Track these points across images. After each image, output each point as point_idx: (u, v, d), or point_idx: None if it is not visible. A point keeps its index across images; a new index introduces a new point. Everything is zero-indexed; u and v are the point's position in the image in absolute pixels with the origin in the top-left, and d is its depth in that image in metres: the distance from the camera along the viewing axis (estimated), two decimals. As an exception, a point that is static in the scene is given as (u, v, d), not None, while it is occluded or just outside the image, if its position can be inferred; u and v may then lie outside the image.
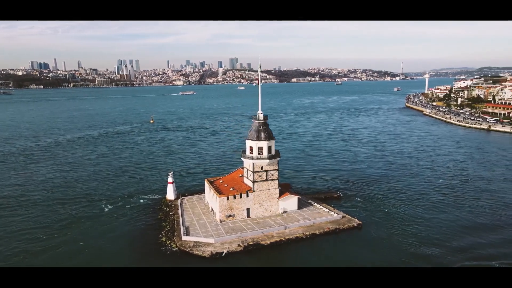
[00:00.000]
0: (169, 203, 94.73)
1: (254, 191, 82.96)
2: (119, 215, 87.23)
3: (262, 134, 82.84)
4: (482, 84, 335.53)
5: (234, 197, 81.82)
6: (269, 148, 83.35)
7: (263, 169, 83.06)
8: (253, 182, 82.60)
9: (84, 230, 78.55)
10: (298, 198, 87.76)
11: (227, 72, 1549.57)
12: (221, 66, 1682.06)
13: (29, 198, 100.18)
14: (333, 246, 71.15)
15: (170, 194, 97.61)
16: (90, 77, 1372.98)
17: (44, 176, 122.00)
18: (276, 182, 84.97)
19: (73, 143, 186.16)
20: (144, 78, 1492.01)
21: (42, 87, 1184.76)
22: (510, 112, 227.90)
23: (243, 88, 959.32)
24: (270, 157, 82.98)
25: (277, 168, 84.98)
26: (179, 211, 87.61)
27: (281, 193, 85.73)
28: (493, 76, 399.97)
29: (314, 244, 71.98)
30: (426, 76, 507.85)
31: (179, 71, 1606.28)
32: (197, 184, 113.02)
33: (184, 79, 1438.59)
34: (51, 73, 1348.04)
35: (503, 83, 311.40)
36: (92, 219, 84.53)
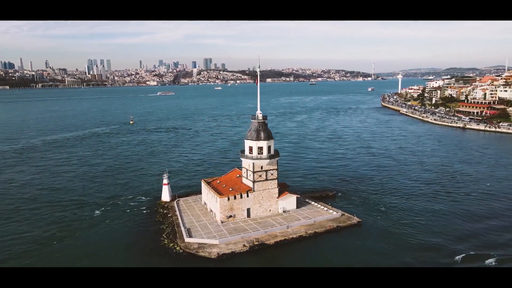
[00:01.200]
0: (165, 205, 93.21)
1: (254, 191, 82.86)
2: (114, 219, 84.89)
3: (262, 134, 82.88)
4: (454, 84, 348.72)
5: (235, 198, 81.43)
6: (269, 148, 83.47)
7: (262, 169, 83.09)
8: (253, 182, 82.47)
9: (79, 236, 75.80)
10: (296, 197, 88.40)
11: (202, 73, 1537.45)
12: (195, 67, 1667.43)
13: (10, 204, 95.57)
14: (337, 244, 71.94)
15: (166, 196, 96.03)
16: (59, 77, 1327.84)
17: (24, 181, 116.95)
18: (276, 181, 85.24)
19: (50, 145, 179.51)
20: (116, 78, 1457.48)
21: (8, 87, 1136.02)
22: (482, 111, 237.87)
23: (219, 88, 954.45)
24: (270, 157, 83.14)
25: (276, 167, 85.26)
26: (177, 213, 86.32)
27: (280, 193, 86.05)
28: (463, 77, 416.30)
29: (318, 242, 72.59)
30: (399, 77, 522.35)
31: (153, 71, 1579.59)
32: (189, 185, 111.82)
33: (158, 80, 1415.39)
34: (17, 73, 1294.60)
35: (473, 83, 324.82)
36: (85, 224, 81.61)
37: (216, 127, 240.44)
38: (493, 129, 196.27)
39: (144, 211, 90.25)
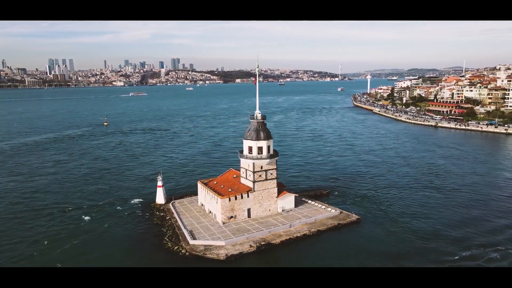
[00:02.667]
0: (161, 207, 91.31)
1: (254, 191, 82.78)
2: (110, 224, 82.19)
3: (262, 134, 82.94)
4: (422, 84, 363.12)
5: (235, 198, 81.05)
6: (268, 148, 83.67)
7: (262, 169, 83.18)
8: (254, 182, 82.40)
9: (76, 244, 72.30)
10: (295, 196, 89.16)
11: (170, 73, 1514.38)
12: (162, 67, 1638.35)
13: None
14: (341, 241, 73.07)
15: (160, 198, 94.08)
16: (18, 78, 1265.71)
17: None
18: (275, 181, 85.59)
19: (20, 149, 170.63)
20: (80, 78, 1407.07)
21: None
22: (451, 110, 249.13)
23: (191, 89, 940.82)
24: (270, 157, 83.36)
25: (275, 167, 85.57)
26: (176, 215, 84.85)
27: (279, 192, 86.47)
28: (430, 77, 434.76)
29: (322, 240, 73.57)
30: (368, 77, 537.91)
31: (118, 71, 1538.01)
32: (178, 186, 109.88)
33: (125, 80, 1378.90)
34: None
35: (439, 83, 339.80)
36: (79, 231, 77.94)
37: (194, 128, 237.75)
38: (463, 127, 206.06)
39: (140, 215, 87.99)
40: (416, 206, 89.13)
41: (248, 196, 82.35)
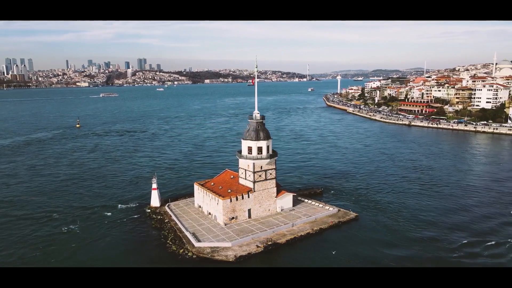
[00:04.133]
0: (157, 210, 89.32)
1: (254, 191, 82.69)
2: (107, 229, 79.52)
3: (261, 134, 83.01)
4: (391, 84, 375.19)
5: (237, 199, 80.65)
6: (267, 148, 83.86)
7: (262, 169, 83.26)
8: (254, 182, 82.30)
9: (74, 253, 69.06)
10: (293, 195, 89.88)
11: (137, 73, 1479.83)
12: (128, 67, 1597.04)
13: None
14: (344, 238, 74.22)
15: (155, 201, 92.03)
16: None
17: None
18: (274, 181, 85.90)
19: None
20: (40, 79, 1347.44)
21: None
22: (422, 109, 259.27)
23: (161, 89, 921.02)
24: (270, 157, 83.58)
25: (274, 167, 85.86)
26: (174, 218, 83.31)
27: (277, 192, 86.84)
28: (399, 78, 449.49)
29: (326, 238, 74.54)
30: (338, 78, 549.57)
31: (82, 71, 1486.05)
32: (169, 189, 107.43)
33: (89, 81, 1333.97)
34: None
35: (408, 84, 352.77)
36: (72, 240, 74.12)
37: (171, 130, 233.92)
38: (435, 125, 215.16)
39: (136, 218, 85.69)
40: (410, 201, 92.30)
41: (248, 197, 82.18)
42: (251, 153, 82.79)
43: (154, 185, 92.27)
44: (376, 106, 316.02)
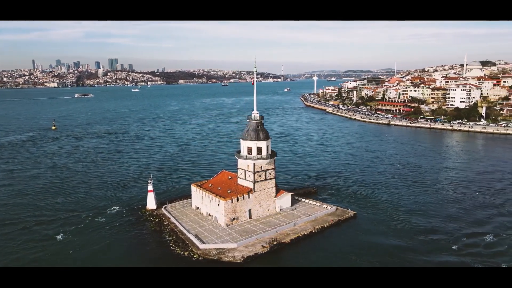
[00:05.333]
0: (154, 213, 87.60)
1: (255, 191, 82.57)
2: (106, 234, 77.26)
3: (261, 134, 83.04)
4: (367, 85, 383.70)
5: (238, 200, 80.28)
6: (267, 148, 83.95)
7: (262, 169, 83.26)
8: (254, 182, 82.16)
9: (75, 259, 66.54)
10: (291, 195, 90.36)
11: (108, 73, 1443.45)
12: (99, 67, 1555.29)
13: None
14: (346, 236, 75.37)
15: (152, 203, 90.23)
16: None
17: None
18: (273, 181, 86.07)
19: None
20: (5, 79, 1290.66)
21: None
22: (399, 109, 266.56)
23: (137, 90, 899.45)
24: (269, 156, 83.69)
25: (274, 167, 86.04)
26: (174, 220, 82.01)
27: (276, 192, 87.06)
28: (374, 78, 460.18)
29: (328, 236, 75.40)
30: (315, 78, 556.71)
31: (50, 71, 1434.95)
32: (160, 191, 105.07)
33: (58, 81, 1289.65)
34: None
35: (383, 84, 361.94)
36: (67, 245, 71.47)
37: (152, 131, 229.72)
38: (413, 124, 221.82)
39: (133, 221, 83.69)
40: (405, 198, 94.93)
41: (249, 197, 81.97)
42: (251, 153, 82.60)
43: (150, 187, 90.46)
44: (354, 106, 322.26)
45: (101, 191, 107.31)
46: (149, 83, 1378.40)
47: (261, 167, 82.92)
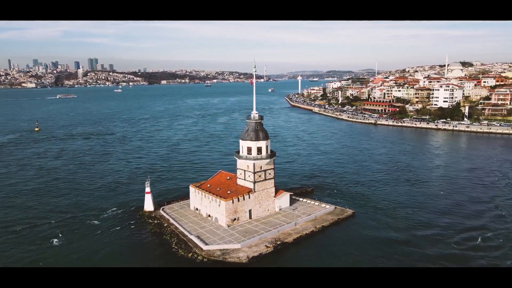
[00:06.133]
0: (152, 215, 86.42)
1: (255, 191, 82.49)
2: (106, 237, 75.75)
3: (261, 134, 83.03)
4: (352, 85, 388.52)
5: (238, 200, 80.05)
6: (266, 148, 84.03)
7: (262, 169, 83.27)
8: (254, 182, 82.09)
9: (76, 265, 65.35)
10: (290, 194, 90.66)
11: (89, 74, 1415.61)
12: (78, 67, 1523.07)
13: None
14: (348, 234, 75.93)
15: (149, 205, 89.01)
16: None
17: None
18: (273, 181, 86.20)
19: None
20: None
21: None
22: (385, 109, 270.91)
23: (119, 90, 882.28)
24: (269, 156, 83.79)
25: (273, 167, 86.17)
26: (173, 222, 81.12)
27: (275, 192, 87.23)
28: (359, 78, 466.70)
29: (330, 235, 75.90)
30: (299, 78, 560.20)
31: (27, 71, 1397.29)
32: (154, 193, 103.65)
33: (36, 81, 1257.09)
34: None
35: (368, 84, 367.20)
36: (65, 251, 69.46)
37: (139, 132, 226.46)
38: (399, 124, 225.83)
39: (131, 224, 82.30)
40: (399, 196, 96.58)
41: (249, 197, 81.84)
42: (251, 154, 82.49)
43: (148, 189, 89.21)
44: (340, 106, 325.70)
45: (93, 194, 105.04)
46: (130, 83, 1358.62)
47: (261, 167, 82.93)
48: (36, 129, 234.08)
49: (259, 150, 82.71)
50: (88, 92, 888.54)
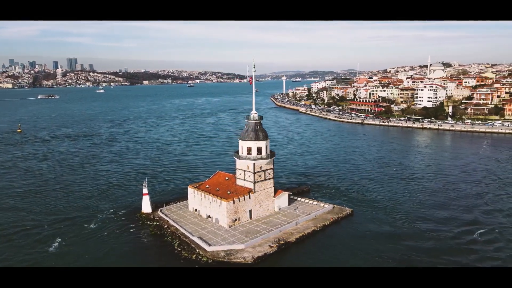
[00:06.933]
0: (150, 217, 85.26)
1: (255, 191, 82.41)
2: (107, 240, 74.30)
3: (260, 134, 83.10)
4: (337, 85, 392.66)
5: (239, 200, 79.82)
6: (266, 148, 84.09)
7: (262, 169, 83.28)
8: (254, 182, 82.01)
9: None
10: (288, 194, 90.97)
11: (68, 74, 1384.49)
12: (57, 67, 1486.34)
13: None
14: (347, 233, 76.72)
15: (147, 207, 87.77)
16: None
17: None
18: (272, 181, 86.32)
19: None
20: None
21: None
22: (371, 108, 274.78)
23: (102, 91, 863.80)
24: (269, 156, 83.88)
25: (272, 167, 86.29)
26: (173, 223, 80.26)
27: (274, 191, 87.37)
28: (344, 79, 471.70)
29: (331, 234, 76.44)
30: (284, 79, 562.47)
31: (3, 71, 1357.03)
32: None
33: (13, 82, 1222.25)
34: None
35: (352, 84, 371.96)
36: (64, 257, 67.25)
37: (126, 133, 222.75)
38: (386, 123, 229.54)
39: (129, 227, 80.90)
40: (395, 194, 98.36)
41: (250, 198, 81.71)
42: (251, 154, 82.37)
43: (145, 190, 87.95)
44: (326, 106, 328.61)
45: (86, 197, 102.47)
46: (112, 83, 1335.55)
47: (260, 167, 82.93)
48: (19, 130, 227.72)
49: (259, 150, 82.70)
50: (69, 92, 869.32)
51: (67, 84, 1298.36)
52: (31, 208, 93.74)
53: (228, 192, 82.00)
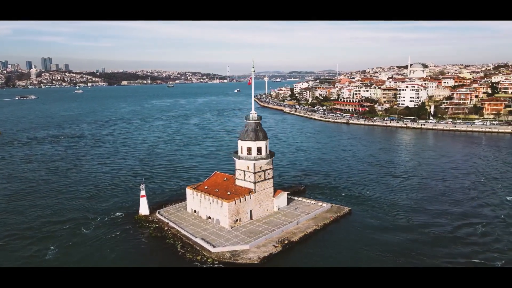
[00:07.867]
0: (149, 219, 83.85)
1: (255, 192, 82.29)
2: (107, 244, 72.61)
3: (260, 134, 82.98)
4: (319, 85, 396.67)
5: (240, 201, 79.53)
6: (266, 148, 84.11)
7: (262, 169, 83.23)
8: (255, 183, 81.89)
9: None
10: (287, 194, 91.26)
11: (43, 74, 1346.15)
12: (31, 67, 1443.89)
13: None
14: (348, 232, 77.51)
15: (145, 209, 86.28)
16: None
17: None
18: (272, 181, 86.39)
19: None
20: None
21: None
22: (355, 108, 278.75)
23: (81, 91, 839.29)
24: (269, 156, 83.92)
25: (272, 167, 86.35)
26: (173, 225, 79.20)
27: (274, 191, 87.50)
28: (326, 79, 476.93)
29: (332, 232, 77.08)
30: (266, 79, 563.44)
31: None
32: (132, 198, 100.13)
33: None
34: None
35: (335, 85, 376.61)
36: (64, 264, 64.86)
37: (111, 135, 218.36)
38: (371, 123, 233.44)
39: (128, 229, 79.34)
40: (391, 192, 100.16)
41: (250, 198, 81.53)
42: (251, 154, 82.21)
43: (143, 192, 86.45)
44: (310, 106, 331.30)
45: (76, 201, 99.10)
46: (89, 84, 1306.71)
47: (260, 167, 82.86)
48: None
49: (259, 150, 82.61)
50: (46, 93, 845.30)
51: (42, 84, 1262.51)
52: (19, 214, 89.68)
53: (228, 193, 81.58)
